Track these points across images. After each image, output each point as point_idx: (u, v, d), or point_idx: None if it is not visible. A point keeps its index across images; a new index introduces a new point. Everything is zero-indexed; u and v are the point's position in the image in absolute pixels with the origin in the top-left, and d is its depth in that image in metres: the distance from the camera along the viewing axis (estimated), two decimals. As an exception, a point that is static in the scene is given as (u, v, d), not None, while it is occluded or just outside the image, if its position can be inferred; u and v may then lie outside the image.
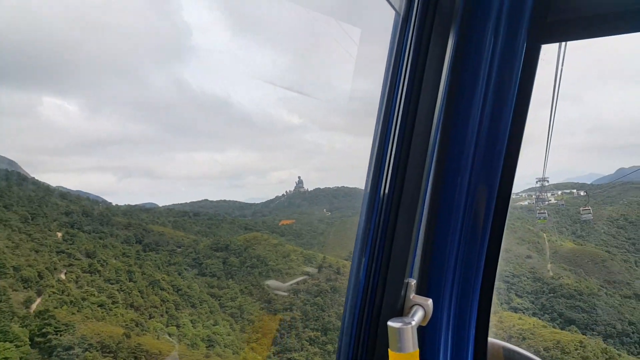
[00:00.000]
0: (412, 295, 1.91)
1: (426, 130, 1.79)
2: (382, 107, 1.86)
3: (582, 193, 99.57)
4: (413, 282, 1.93)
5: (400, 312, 1.88)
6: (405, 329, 1.65)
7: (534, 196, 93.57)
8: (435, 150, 1.99)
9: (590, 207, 79.81)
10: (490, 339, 2.40)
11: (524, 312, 57.06)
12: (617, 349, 47.68)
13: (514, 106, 1.98)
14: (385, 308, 1.86)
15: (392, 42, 1.86)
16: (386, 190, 1.85)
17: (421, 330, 2.10)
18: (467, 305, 2.24)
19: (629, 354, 47.51)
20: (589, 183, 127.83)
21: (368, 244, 1.90)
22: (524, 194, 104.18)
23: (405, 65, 1.76)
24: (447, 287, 2.17)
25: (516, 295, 62.18)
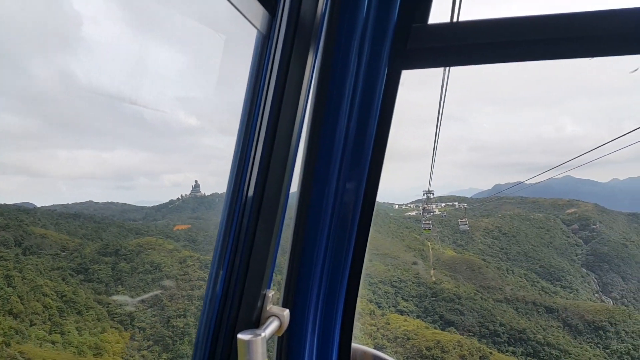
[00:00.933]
0: (269, 307, 1.94)
1: (287, 142, 1.85)
2: (244, 124, 1.89)
3: (462, 206, 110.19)
4: (271, 293, 1.95)
5: (257, 324, 1.89)
6: (254, 341, 1.65)
7: (420, 207, 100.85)
8: (302, 161, 2.10)
9: (467, 219, 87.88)
10: (355, 345, 2.45)
11: (409, 315, 59.33)
12: (489, 348, 51.49)
13: (377, 124, 2.09)
14: (240, 321, 1.86)
15: (254, 58, 1.90)
16: (246, 199, 1.87)
17: (287, 339, 2.20)
18: (332, 313, 2.30)
19: (499, 352, 51.61)
20: (469, 197, 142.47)
21: (227, 254, 1.89)
22: (412, 205, 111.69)
23: (268, 80, 1.82)
24: (313, 296, 2.22)
25: (402, 299, 64.64)
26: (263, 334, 1.70)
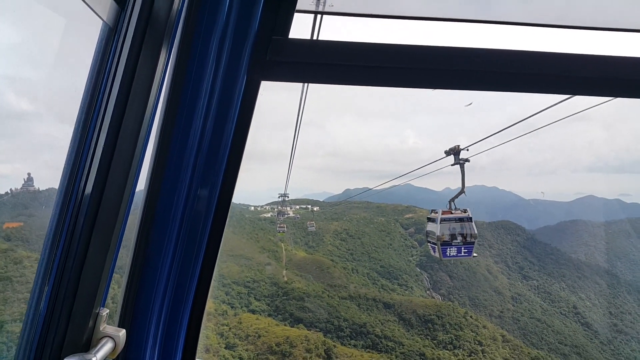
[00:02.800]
0: (103, 327, 1.82)
1: (133, 141, 1.78)
2: (83, 115, 1.82)
3: (315, 209, 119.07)
4: (105, 311, 1.83)
5: (87, 347, 1.76)
6: None
7: (276, 209, 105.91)
8: (151, 163, 2.08)
9: (314, 222, 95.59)
10: None
11: (261, 314, 62.91)
12: (333, 341, 58.05)
13: (234, 130, 2.18)
14: (68, 344, 1.72)
15: (97, 50, 1.85)
16: (81, 201, 1.75)
17: (124, 357, 2.11)
18: (175, 331, 2.27)
19: (342, 345, 58.42)
20: (321, 200, 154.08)
21: (54, 267, 1.75)
22: (267, 207, 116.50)
23: (113, 74, 1.78)
24: (155, 313, 2.16)
25: (255, 299, 68.01)
26: (93, 359, 1.63)
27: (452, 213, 15.84)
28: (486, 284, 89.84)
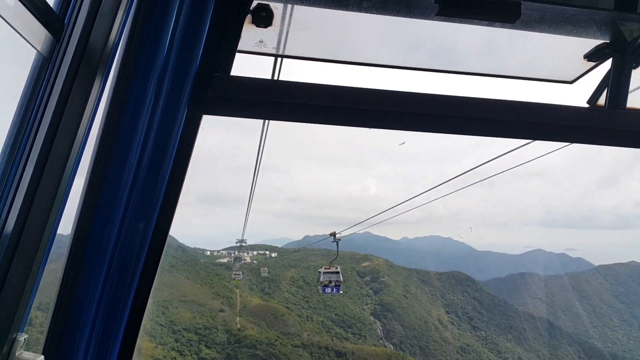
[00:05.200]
0: (20, 352, 1.77)
1: (59, 172, 1.76)
2: (9, 144, 1.79)
3: (273, 255, 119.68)
4: (23, 337, 1.78)
5: None
6: None
7: (232, 255, 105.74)
8: (82, 196, 2.06)
9: (267, 268, 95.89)
10: None
11: (210, 361, 63.67)
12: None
13: (173, 165, 2.18)
14: None
15: (30, 78, 1.85)
16: (2, 230, 1.71)
17: None
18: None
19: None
20: (280, 246, 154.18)
21: None
22: (224, 252, 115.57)
23: (45, 104, 1.77)
24: (83, 342, 2.10)
25: (206, 346, 67.99)
26: None
27: (330, 269, 31.39)
28: (437, 333, 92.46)
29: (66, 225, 2.02)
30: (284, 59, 2.99)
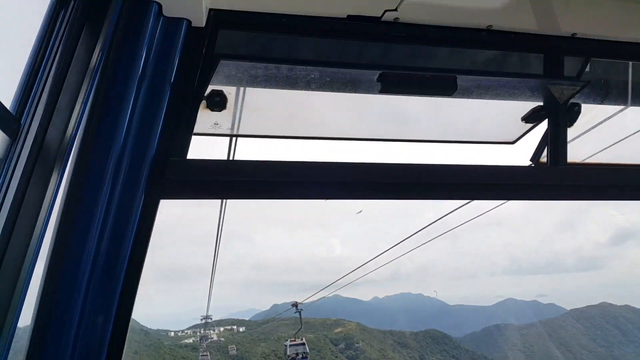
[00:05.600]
0: None
1: (16, 272, 1.75)
2: None
3: (241, 329, 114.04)
4: None
5: None
6: None
7: (198, 334, 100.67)
8: (40, 291, 2.04)
9: (235, 345, 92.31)
10: None
11: None
12: None
13: (131, 250, 2.17)
14: None
15: None
16: None
17: None
18: None
19: None
20: (247, 319, 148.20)
21: None
22: (189, 331, 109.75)
23: None
24: None
25: None
26: None
27: (295, 341, 36.85)
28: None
29: (26, 318, 1.96)
30: (239, 139, 3.07)
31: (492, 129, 3.15)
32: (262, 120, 2.92)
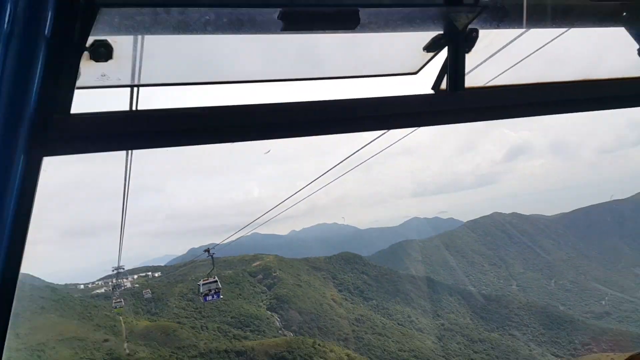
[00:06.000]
0: None
1: None
2: None
3: (157, 274, 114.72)
4: None
5: None
6: None
7: (110, 283, 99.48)
8: None
9: (150, 289, 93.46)
10: None
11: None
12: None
13: (15, 211, 2.09)
14: None
15: None
16: None
17: None
18: None
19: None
20: (163, 264, 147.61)
21: None
22: (100, 282, 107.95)
23: None
24: None
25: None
26: None
27: (208, 280, 35.47)
28: (332, 312, 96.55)
29: None
30: (141, 88, 3.03)
31: (396, 60, 3.09)
32: (165, 68, 2.74)
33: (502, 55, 3.07)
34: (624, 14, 3.19)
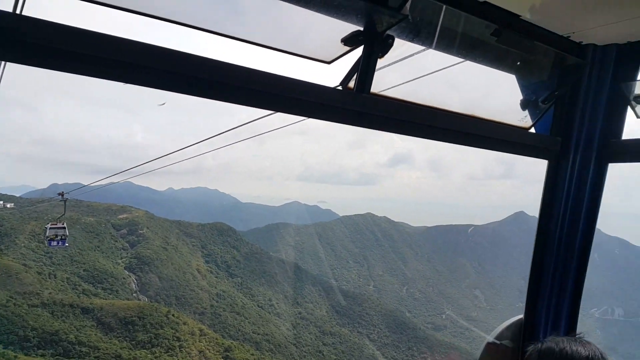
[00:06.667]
0: None
1: None
2: None
3: (8, 205, 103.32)
4: None
5: None
6: None
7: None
8: None
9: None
10: None
11: None
12: (15, 352, 54.11)
13: None
14: None
15: None
16: None
17: None
18: None
19: (26, 356, 54.75)
20: (18, 196, 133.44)
21: None
22: None
23: None
24: None
25: None
26: None
27: (56, 224, 33.36)
28: (194, 283, 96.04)
29: None
30: None
31: (314, 44, 2.97)
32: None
33: (409, 69, 3.10)
34: (518, 63, 3.45)
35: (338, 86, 2.90)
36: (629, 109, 3.48)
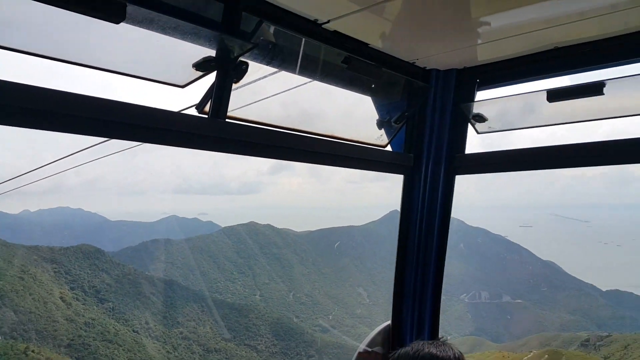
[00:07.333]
0: None
1: None
2: None
3: None
4: None
5: None
6: None
7: None
8: None
9: None
10: None
11: None
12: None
13: None
14: None
15: None
16: None
17: None
18: None
19: None
20: None
21: None
22: None
23: None
24: None
25: None
26: None
27: None
28: (58, 313, 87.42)
29: None
30: None
31: (166, 69, 2.91)
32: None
33: (266, 93, 3.21)
34: (372, 86, 3.76)
35: (191, 108, 2.86)
36: (470, 126, 3.86)
